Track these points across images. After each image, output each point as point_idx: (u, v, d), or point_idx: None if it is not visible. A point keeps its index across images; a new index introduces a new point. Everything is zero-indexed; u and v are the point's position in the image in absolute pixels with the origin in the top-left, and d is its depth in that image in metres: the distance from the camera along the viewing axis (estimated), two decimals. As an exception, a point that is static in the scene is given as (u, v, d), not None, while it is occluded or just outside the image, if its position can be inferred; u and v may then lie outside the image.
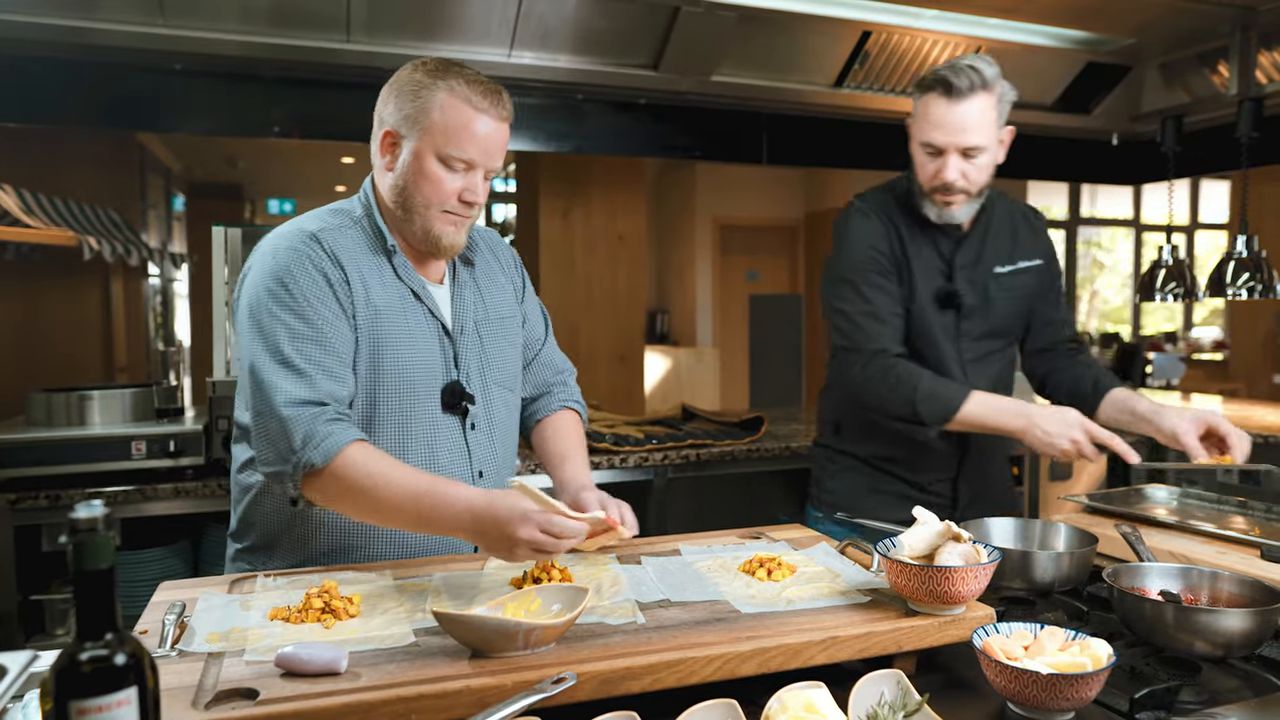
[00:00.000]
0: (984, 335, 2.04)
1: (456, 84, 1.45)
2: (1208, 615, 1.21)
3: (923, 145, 1.90)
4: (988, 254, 2.03)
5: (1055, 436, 1.78)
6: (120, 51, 2.72)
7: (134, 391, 2.56)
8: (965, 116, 1.83)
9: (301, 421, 1.38)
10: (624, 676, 1.07)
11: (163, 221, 6.00)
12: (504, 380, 1.66)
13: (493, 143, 1.49)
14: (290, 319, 1.43)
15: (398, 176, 1.50)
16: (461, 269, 1.64)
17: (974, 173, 1.88)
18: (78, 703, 0.75)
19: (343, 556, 1.55)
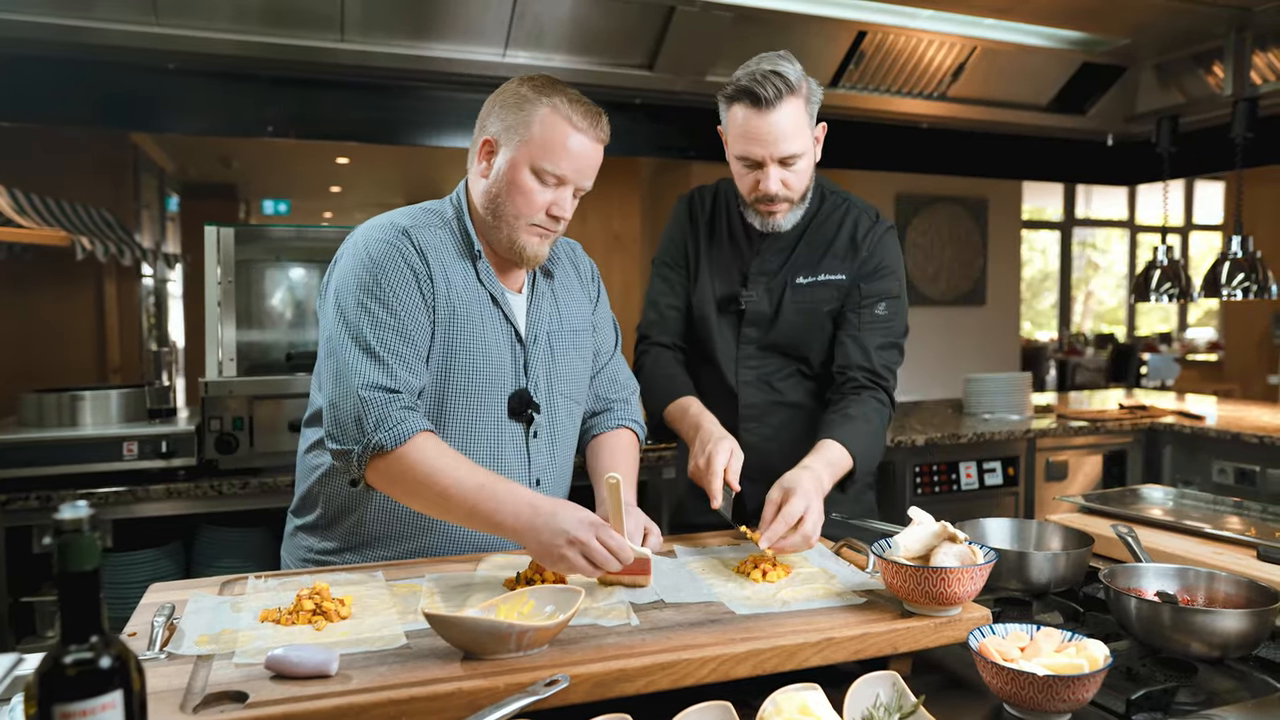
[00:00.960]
0: (768, 347, 1.92)
1: (560, 102, 1.49)
2: (1204, 616, 1.21)
3: (739, 159, 1.79)
4: (794, 262, 1.90)
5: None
6: (114, 51, 2.71)
7: (126, 392, 2.54)
8: (777, 126, 1.72)
9: (376, 404, 1.40)
10: (618, 679, 1.06)
11: (156, 222, 5.98)
12: (570, 392, 1.68)
13: (587, 161, 1.52)
14: (375, 307, 1.46)
15: (491, 184, 1.54)
16: (541, 279, 1.67)
17: (794, 179, 1.79)
18: (62, 707, 0.74)
19: (397, 544, 1.57)
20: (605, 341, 1.81)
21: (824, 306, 1.90)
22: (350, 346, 1.45)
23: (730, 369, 1.93)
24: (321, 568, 1.52)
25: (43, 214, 3.43)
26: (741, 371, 1.93)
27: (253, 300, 2.84)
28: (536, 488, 1.61)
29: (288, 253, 2.88)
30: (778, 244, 1.91)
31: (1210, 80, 3.48)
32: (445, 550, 1.57)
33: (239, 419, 2.46)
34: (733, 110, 1.76)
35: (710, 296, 1.94)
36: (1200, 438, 3.42)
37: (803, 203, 1.87)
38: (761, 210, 1.83)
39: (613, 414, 1.79)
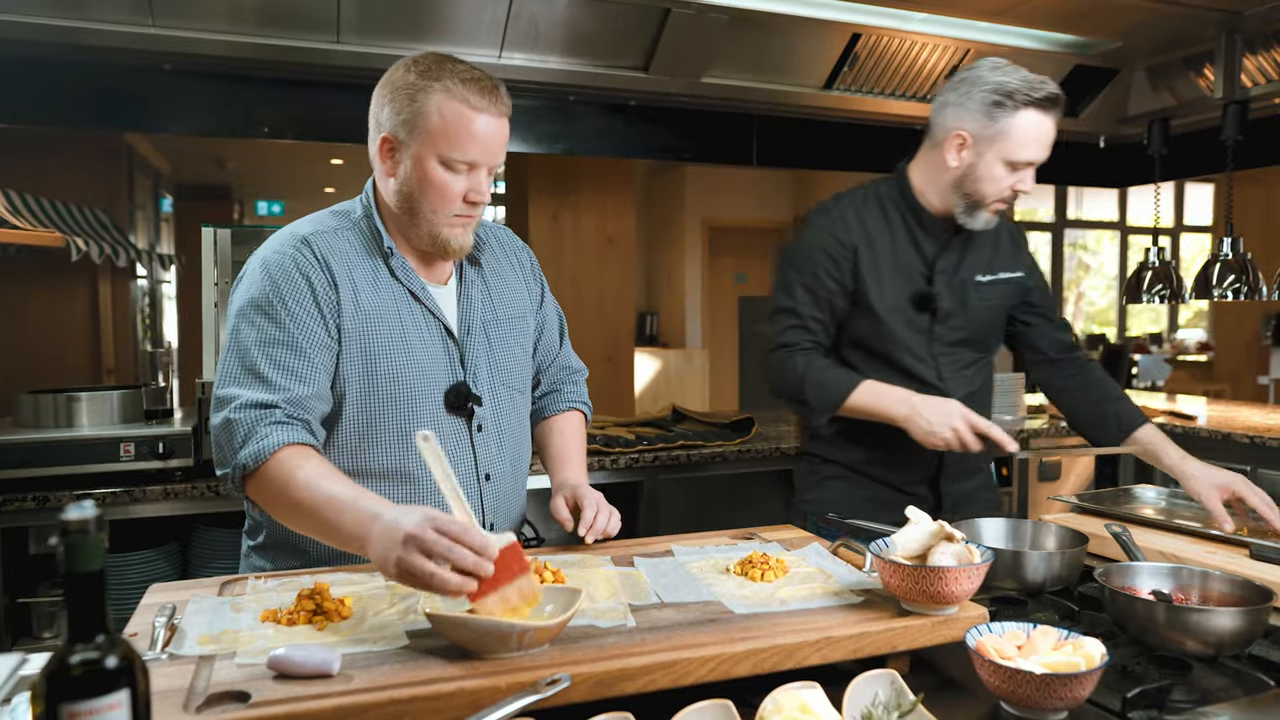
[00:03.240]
0: (958, 343, 2.01)
1: (452, 84, 1.43)
2: (1199, 614, 1.22)
3: (1012, 162, 1.85)
4: (969, 262, 2.01)
5: (936, 425, 1.79)
6: (109, 52, 2.70)
7: (122, 393, 2.54)
8: (1053, 131, 1.85)
9: (244, 424, 1.37)
10: (618, 678, 1.07)
11: (151, 223, 5.97)
12: (513, 382, 1.64)
13: (494, 140, 1.47)
14: (264, 322, 1.43)
15: (401, 183, 1.49)
16: (468, 269, 1.62)
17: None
18: (69, 706, 0.75)
19: (342, 560, 1.53)
20: (551, 334, 1.79)
21: (1007, 302, 2.07)
22: (233, 367, 1.43)
23: (926, 366, 1.99)
24: (325, 568, 1.52)
25: (37, 215, 3.42)
26: (943, 367, 2.00)
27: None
28: (487, 483, 1.58)
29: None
30: (952, 243, 2.00)
31: (1201, 83, 3.50)
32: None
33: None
34: (1023, 114, 1.81)
35: (896, 296, 1.97)
36: (1191, 438, 3.44)
37: None
38: (995, 210, 1.92)
39: (562, 395, 1.80)
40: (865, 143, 3.82)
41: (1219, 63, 3.35)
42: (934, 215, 1.97)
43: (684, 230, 8.82)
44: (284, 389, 1.41)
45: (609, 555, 1.54)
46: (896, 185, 2.01)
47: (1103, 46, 3.41)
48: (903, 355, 1.97)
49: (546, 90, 3.19)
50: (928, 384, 1.96)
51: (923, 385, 1.95)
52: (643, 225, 9.34)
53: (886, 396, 1.87)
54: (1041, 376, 2.19)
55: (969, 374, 2.04)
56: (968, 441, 1.78)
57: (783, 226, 8.97)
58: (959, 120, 1.87)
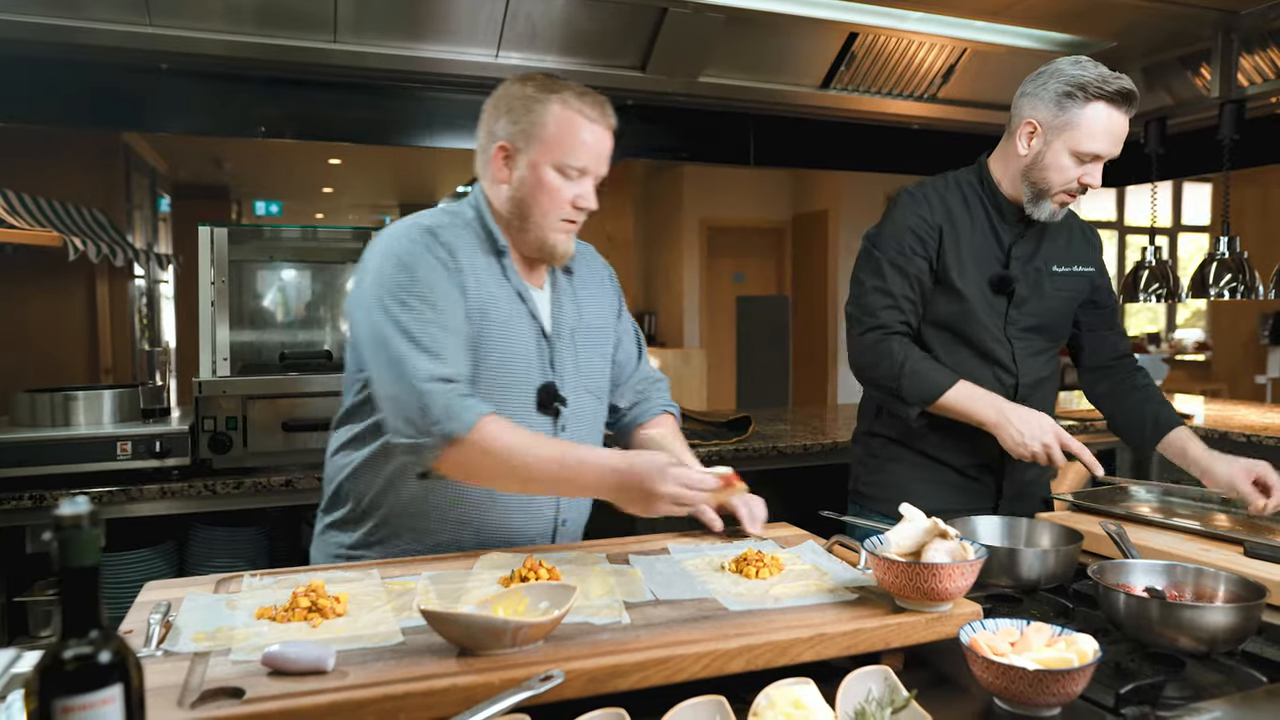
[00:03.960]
0: (1032, 329, 2.05)
1: (568, 97, 1.55)
2: (1192, 611, 1.22)
3: (1079, 153, 1.89)
4: (1044, 251, 2.05)
5: (1028, 438, 1.81)
6: (106, 51, 2.70)
7: (119, 392, 2.54)
8: (1125, 128, 1.90)
9: (439, 395, 1.43)
10: (612, 674, 1.07)
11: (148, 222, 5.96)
12: (593, 387, 1.73)
13: (603, 149, 1.59)
14: (415, 303, 1.49)
15: (515, 189, 1.58)
16: (561, 276, 1.71)
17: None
18: (62, 701, 0.75)
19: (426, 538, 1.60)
20: (630, 350, 1.87)
21: (1079, 296, 2.10)
22: (401, 343, 1.46)
23: (1004, 350, 2.02)
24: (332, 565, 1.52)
25: (34, 214, 3.42)
26: (1017, 350, 2.03)
27: (246, 300, 2.84)
28: None
29: (281, 253, 2.88)
30: (1030, 232, 2.03)
31: (1197, 82, 3.51)
32: (472, 545, 1.60)
33: (233, 419, 2.46)
34: (1094, 107, 1.86)
35: (977, 278, 2.00)
36: (1189, 437, 3.44)
37: None
38: (1060, 200, 1.95)
39: (651, 402, 1.88)
40: (863, 142, 3.82)
41: (1215, 62, 3.36)
42: (1011, 204, 2.02)
43: (682, 230, 8.83)
44: (454, 364, 1.48)
45: (604, 553, 1.54)
46: (976, 174, 2.07)
47: (1099, 46, 3.41)
48: (982, 335, 2.00)
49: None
50: (1003, 366, 2.01)
51: (998, 367, 2.01)
52: (641, 225, 9.35)
53: (980, 401, 1.89)
54: (1091, 380, 2.21)
55: (1040, 360, 2.07)
56: (1055, 458, 1.81)
57: (781, 226, 8.97)
58: (1032, 109, 1.92)
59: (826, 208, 8.30)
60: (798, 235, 8.84)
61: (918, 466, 2.09)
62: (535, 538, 1.64)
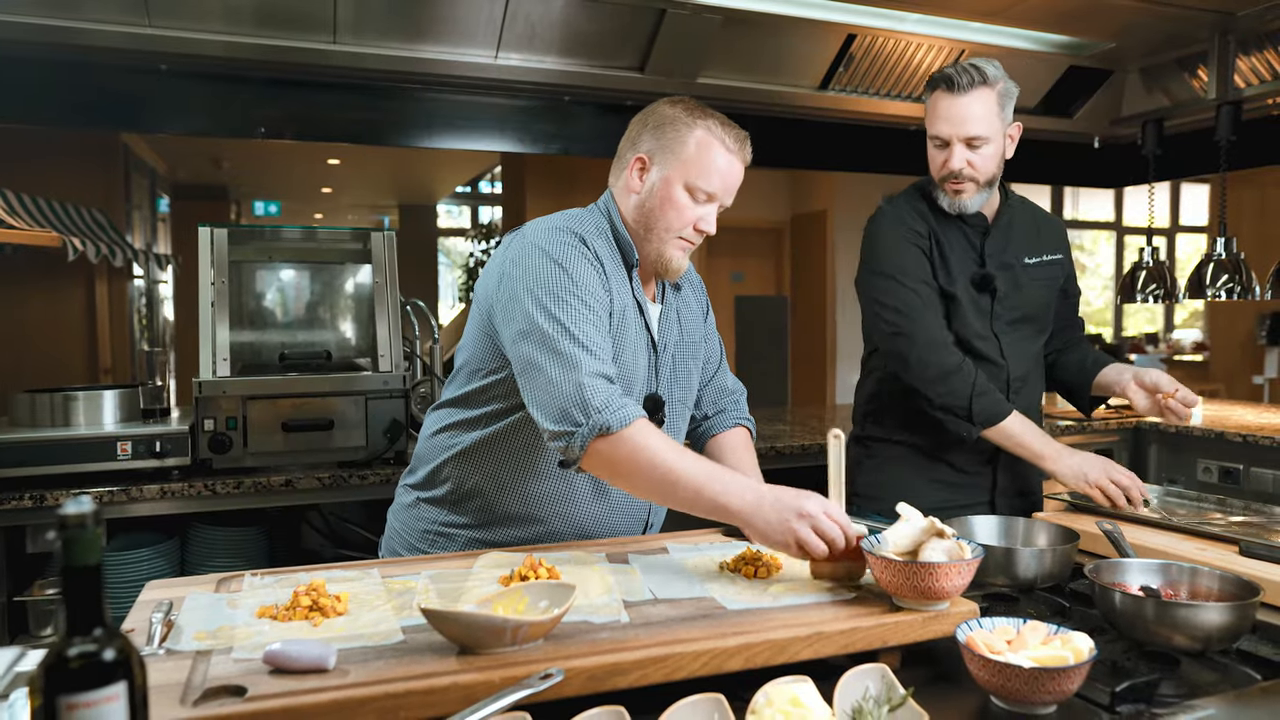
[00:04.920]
0: (1017, 320, 2.13)
1: (714, 125, 1.62)
2: (1187, 610, 1.23)
3: (932, 139, 2.04)
4: (1014, 246, 2.13)
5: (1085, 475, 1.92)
6: (105, 52, 2.71)
7: (119, 392, 2.54)
8: (967, 109, 1.96)
9: (599, 390, 1.46)
10: (611, 672, 1.08)
11: (148, 222, 5.97)
12: (685, 399, 1.80)
13: (735, 180, 1.66)
14: (575, 302, 1.53)
15: (644, 198, 1.65)
16: (670, 293, 1.79)
17: (980, 162, 2.00)
18: (67, 698, 0.75)
19: (527, 526, 1.66)
20: (713, 356, 1.94)
21: (1056, 283, 2.19)
22: (563, 338, 1.49)
23: (990, 344, 2.10)
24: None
25: (34, 215, 3.42)
26: (1005, 344, 2.11)
27: (246, 300, 2.85)
28: None
29: (280, 254, 2.89)
30: (996, 229, 2.12)
31: (1194, 84, 3.52)
32: (568, 536, 1.66)
33: (233, 419, 2.47)
34: (933, 95, 2.02)
35: (961, 279, 2.09)
36: (1185, 437, 3.46)
37: (989, 188, 2.06)
38: (949, 189, 2.04)
39: (728, 414, 1.93)
40: (860, 143, 3.83)
41: (1212, 63, 3.37)
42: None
43: (680, 230, 8.81)
44: (609, 364, 1.52)
45: (604, 552, 1.55)
46: (927, 183, 2.14)
47: (1097, 47, 3.43)
48: (970, 334, 2.08)
49: (542, 90, 3.20)
50: (992, 361, 2.08)
51: (987, 362, 2.08)
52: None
53: (1032, 435, 1.99)
54: (1048, 364, 2.29)
55: (1028, 352, 2.16)
56: (1111, 495, 1.90)
57: (779, 226, 8.97)
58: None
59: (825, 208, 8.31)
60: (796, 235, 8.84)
61: (914, 465, 2.13)
62: (626, 531, 1.72)
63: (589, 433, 1.43)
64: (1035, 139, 4.07)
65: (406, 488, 1.78)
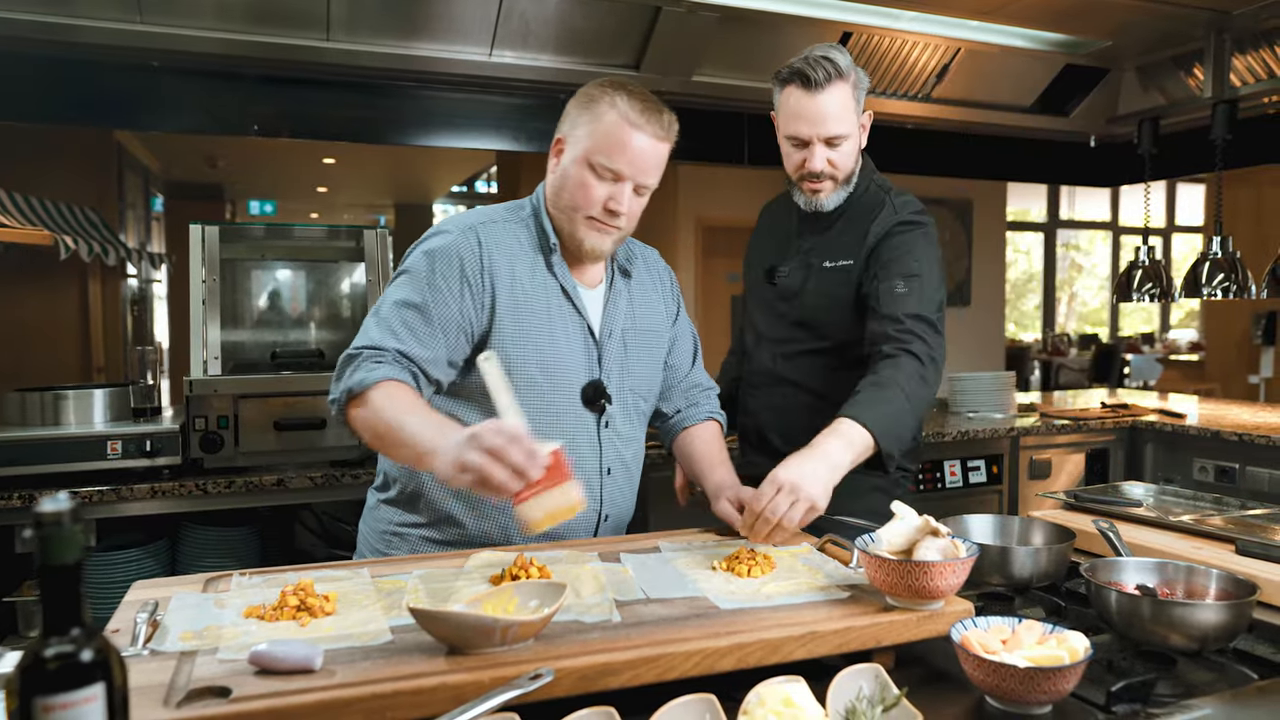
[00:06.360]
0: (796, 323, 2.01)
1: (620, 98, 1.55)
2: (1183, 609, 1.22)
3: (788, 138, 1.91)
4: (823, 245, 1.99)
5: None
6: (98, 49, 2.69)
7: (110, 391, 2.53)
8: (825, 107, 1.84)
9: (360, 357, 1.48)
10: (602, 672, 1.07)
11: (141, 221, 5.95)
12: (640, 389, 1.75)
13: (645, 159, 1.56)
14: (409, 289, 1.55)
15: (555, 178, 1.62)
16: (619, 278, 1.74)
17: (839, 159, 1.91)
18: (43, 699, 0.74)
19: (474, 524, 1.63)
20: (685, 355, 1.90)
21: (839, 290, 1.95)
22: (369, 319, 1.56)
23: (753, 338, 2.08)
24: (304, 565, 1.51)
25: (25, 213, 3.40)
26: (764, 343, 2.06)
27: (238, 299, 2.83)
28: (608, 476, 1.69)
29: (273, 252, 2.87)
30: (817, 225, 2.01)
31: (1190, 82, 3.52)
32: (517, 534, 1.62)
33: (224, 418, 2.45)
34: (785, 92, 1.88)
35: (757, 269, 2.07)
36: (1181, 436, 3.45)
37: (847, 185, 1.96)
38: (806, 188, 1.95)
39: (698, 408, 1.90)
40: (857, 141, 3.81)
41: (1208, 62, 3.37)
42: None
43: (677, 229, 8.80)
44: (402, 342, 1.52)
45: (596, 551, 1.53)
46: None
47: (1093, 46, 3.42)
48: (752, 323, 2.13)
49: (537, 88, 3.19)
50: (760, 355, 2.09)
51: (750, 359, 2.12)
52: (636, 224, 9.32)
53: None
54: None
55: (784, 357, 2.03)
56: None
57: (776, 226, 8.96)
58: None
59: (821, 208, 8.31)
60: (793, 235, 8.84)
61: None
62: (578, 531, 1.66)
63: (341, 398, 1.47)
64: (1031, 138, 4.08)
65: (371, 490, 1.77)
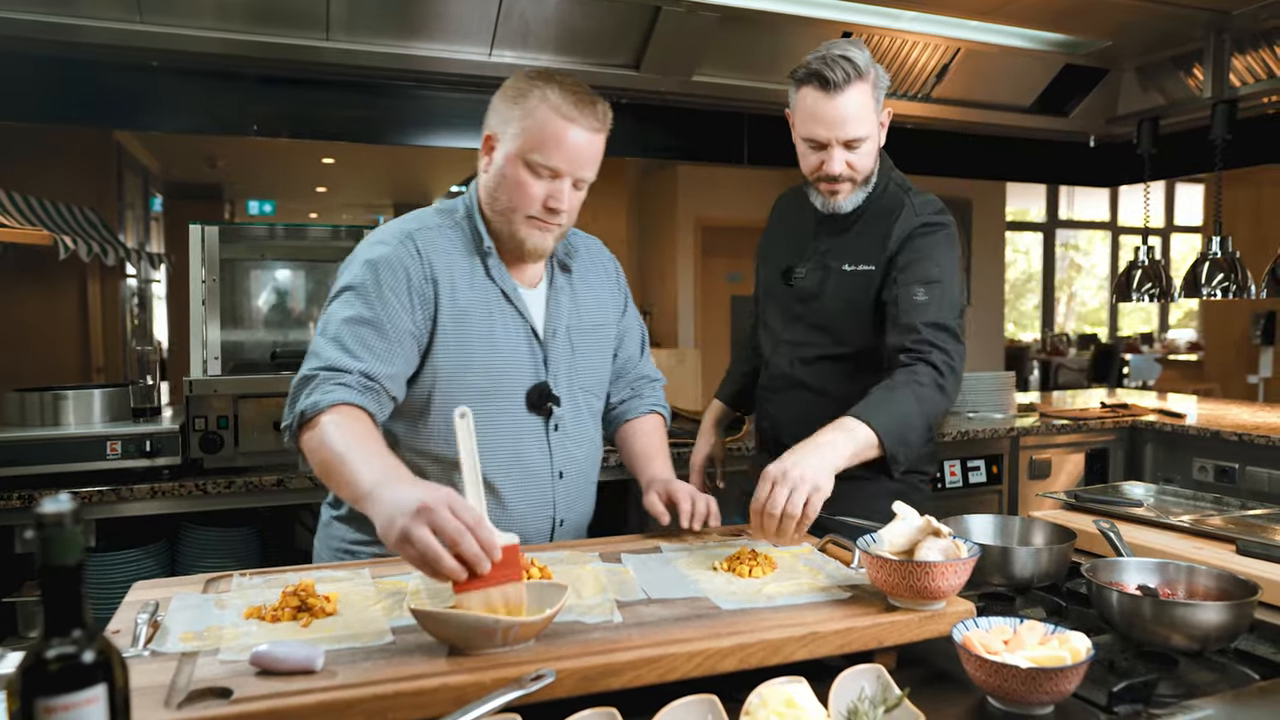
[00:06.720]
0: (814, 326, 1.96)
1: (551, 92, 1.48)
2: (1184, 609, 1.22)
3: (805, 140, 1.85)
4: (843, 247, 1.93)
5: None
6: (97, 49, 2.69)
7: (109, 391, 2.53)
8: (845, 109, 1.77)
9: (315, 380, 1.42)
10: (604, 673, 1.07)
11: (140, 221, 5.95)
12: (590, 386, 1.70)
13: (581, 152, 1.50)
14: (358, 304, 1.49)
15: (489, 178, 1.55)
16: (559, 274, 1.67)
17: (858, 161, 1.84)
18: (44, 701, 0.74)
19: None
20: (632, 347, 1.85)
21: (859, 295, 1.90)
22: (319, 338, 1.49)
23: (770, 341, 2.03)
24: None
25: (25, 213, 3.40)
26: (781, 346, 2.01)
27: (237, 299, 2.83)
28: (560, 480, 1.64)
29: (272, 251, 2.87)
30: (834, 227, 1.95)
31: (1190, 82, 3.51)
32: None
33: (224, 418, 2.45)
34: (802, 92, 1.81)
35: (772, 270, 2.03)
36: (1181, 436, 3.45)
37: (866, 185, 1.90)
38: (824, 190, 1.89)
39: (642, 399, 1.85)
40: (856, 141, 3.81)
41: (1208, 62, 3.37)
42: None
43: (676, 229, 8.82)
44: (362, 360, 1.46)
45: (597, 552, 1.53)
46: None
47: (1092, 46, 3.42)
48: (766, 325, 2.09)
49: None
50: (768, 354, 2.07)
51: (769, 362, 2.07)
52: (635, 224, 9.35)
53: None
54: None
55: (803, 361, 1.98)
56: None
57: (775, 226, 8.97)
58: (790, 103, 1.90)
59: (821, 208, 8.31)
60: (792, 235, 8.84)
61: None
62: (533, 536, 1.62)
63: (294, 423, 1.41)
64: (1031, 138, 4.08)
65: (325, 505, 1.71)
